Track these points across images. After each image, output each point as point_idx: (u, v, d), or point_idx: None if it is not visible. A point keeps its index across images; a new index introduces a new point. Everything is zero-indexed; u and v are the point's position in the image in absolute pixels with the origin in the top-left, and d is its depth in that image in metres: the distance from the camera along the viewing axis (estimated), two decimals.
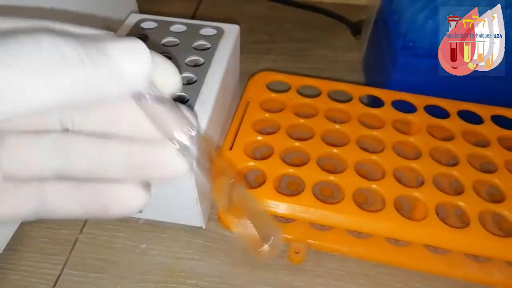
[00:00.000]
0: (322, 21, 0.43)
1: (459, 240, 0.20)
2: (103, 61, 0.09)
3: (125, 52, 0.10)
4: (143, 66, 0.10)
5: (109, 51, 0.10)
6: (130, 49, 0.10)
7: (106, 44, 0.10)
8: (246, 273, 0.23)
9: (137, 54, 0.10)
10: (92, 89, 0.10)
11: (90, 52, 0.09)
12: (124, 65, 0.10)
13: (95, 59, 0.09)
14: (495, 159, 0.24)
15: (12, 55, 0.08)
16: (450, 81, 0.27)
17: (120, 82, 0.10)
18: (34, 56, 0.09)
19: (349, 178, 0.22)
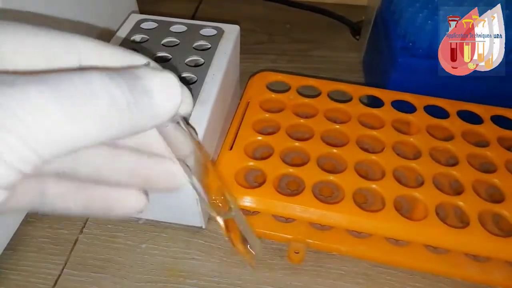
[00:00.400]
0: (322, 21, 0.44)
1: (459, 240, 0.20)
2: (146, 104, 0.10)
3: (163, 90, 0.11)
4: (175, 101, 0.11)
5: (149, 89, 0.10)
6: (167, 86, 0.11)
7: (146, 82, 0.10)
8: (246, 273, 0.23)
9: (172, 89, 0.11)
10: (132, 128, 0.10)
11: (135, 94, 0.10)
12: (163, 103, 0.10)
13: (140, 102, 0.10)
14: (495, 159, 0.24)
15: (66, 97, 0.08)
16: (450, 81, 0.27)
17: (157, 119, 0.11)
18: (87, 100, 0.09)
19: (349, 178, 0.22)
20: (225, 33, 0.27)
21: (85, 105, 0.09)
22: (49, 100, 0.08)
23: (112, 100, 0.09)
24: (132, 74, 0.10)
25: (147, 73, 0.10)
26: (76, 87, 0.09)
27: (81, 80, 0.09)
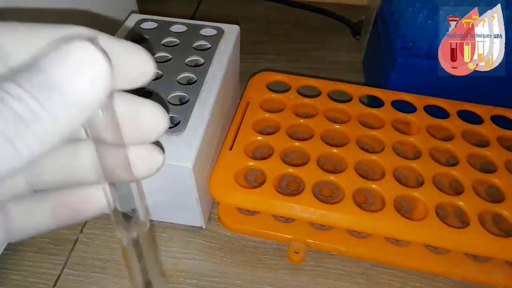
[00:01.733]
0: (322, 21, 0.44)
1: (459, 240, 0.20)
2: (57, 103, 0.08)
3: (75, 73, 0.08)
4: (97, 82, 0.09)
5: (56, 82, 0.08)
6: (80, 64, 0.09)
7: (52, 73, 0.08)
8: (246, 273, 0.23)
9: (88, 66, 0.09)
10: (58, 131, 0.08)
11: (40, 97, 0.08)
12: (79, 93, 0.09)
13: (48, 105, 0.08)
14: (495, 159, 0.24)
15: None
16: (450, 81, 0.27)
17: (78, 116, 0.09)
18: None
19: (349, 178, 0.22)
20: (225, 33, 0.27)
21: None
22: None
23: (14, 116, 0.08)
24: (33, 69, 0.08)
25: (53, 58, 0.09)
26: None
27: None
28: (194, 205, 0.22)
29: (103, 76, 0.09)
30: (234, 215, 0.25)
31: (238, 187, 0.22)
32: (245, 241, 0.25)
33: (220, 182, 0.22)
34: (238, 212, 0.25)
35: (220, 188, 0.22)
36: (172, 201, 0.22)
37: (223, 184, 0.22)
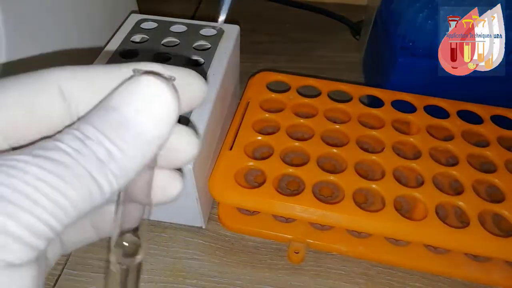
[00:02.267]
0: (322, 21, 0.43)
1: (459, 240, 0.20)
2: (129, 141, 0.09)
3: (145, 113, 0.09)
4: (169, 118, 0.09)
5: (127, 120, 0.09)
6: (149, 102, 0.09)
7: (123, 112, 0.09)
8: (246, 273, 0.23)
9: (159, 105, 0.09)
10: (132, 167, 0.09)
11: (113, 137, 0.09)
12: (148, 131, 0.09)
13: (121, 144, 0.09)
14: (495, 159, 0.24)
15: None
16: (450, 81, 0.27)
17: (147, 152, 0.09)
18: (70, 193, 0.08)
19: (349, 178, 0.22)
20: (225, 33, 0.27)
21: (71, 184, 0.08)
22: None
23: (89, 193, 0.08)
24: (106, 108, 0.09)
25: (120, 96, 0.09)
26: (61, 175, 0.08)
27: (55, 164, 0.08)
28: (194, 205, 0.22)
29: (172, 112, 0.09)
30: (234, 215, 0.25)
31: (238, 187, 0.22)
32: (245, 241, 0.25)
33: (220, 182, 0.22)
34: (238, 212, 0.25)
35: (220, 188, 0.22)
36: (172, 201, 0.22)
37: (223, 184, 0.22)
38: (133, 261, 0.11)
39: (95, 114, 0.09)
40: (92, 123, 0.09)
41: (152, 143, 0.09)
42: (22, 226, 0.07)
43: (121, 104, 0.09)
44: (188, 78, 0.11)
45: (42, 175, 0.08)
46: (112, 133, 0.09)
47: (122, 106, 0.09)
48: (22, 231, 0.07)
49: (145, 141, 0.09)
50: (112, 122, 0.09)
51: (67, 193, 0.08)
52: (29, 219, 0.07)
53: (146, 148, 0.09)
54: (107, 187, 0.08)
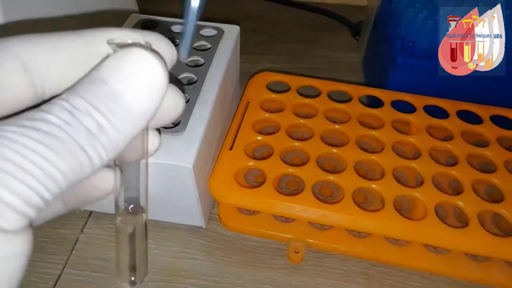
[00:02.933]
0: (322, 22, 0.44)
1: (458, 240, 0.20)
2: (119, 115, 0.09)
3: (136, 87, 0.09)
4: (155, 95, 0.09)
5: (118, 93, 0.09)
6: (139, 78, 0.09)
7: (112, 85, 0.09)
8: (246, 272, 0.23)
9: (149, 80, 0.09)
10: (122, 141, 0.09)
11: (103, 110, 0.08)
12: (139, 106, 0.09)
13: (111, 118, 0.09)
14: (494, 159, 0.24)
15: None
16: (450, 81, 0.27)
17: (137, 126, 0.09)
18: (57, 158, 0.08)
19: (348, 177, 0.22)
20: (225, 33, 0.27)
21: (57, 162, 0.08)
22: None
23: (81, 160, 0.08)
24: (96, 81, 0.09)
25: (109, 69, 0.09)
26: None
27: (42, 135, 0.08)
28: (194, 205, 0.22)
29: (162, 85, 0.09)
30: (234, 215, 0.25)
31: (238, 187, 0.22)
32: (245, 241, 0.25)
33: (220, 182, 0.22)
34: (238, 212, 0.25)
35: (220, 188, 0.22)
36: (172, 201, 0.23)
37: (223, 184, 0.22)
38: (138, 220, 0.12)
39: (84, 85, 0.09)
40: (81, 95, 0.08)
41: (141, 117, 0.09)
42: (15, 195, 0.07)
43: (110, 77, 0.09)
44: (159, 43, 0.11)
45: (32, 145, 0.08)
46: (102, 106, 0.08)
47: (111, 79, 0.09)
48: (15, 200, 0.07)
49: (134, 115, 0.09)
50: (102, 94, 0.09)
51: (57, 164, 0.08)
52: (22, 188, 0.07)
53: (136, 122, 0.09)
54: (97, 159, 0.08)
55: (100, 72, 0.09)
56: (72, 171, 0.08)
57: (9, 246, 0.07)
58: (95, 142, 0.08)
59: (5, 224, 0.07)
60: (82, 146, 0.08)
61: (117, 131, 0.09)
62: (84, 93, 0.09)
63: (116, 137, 0.09)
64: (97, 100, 0.08)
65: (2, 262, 0.07)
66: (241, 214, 0.25)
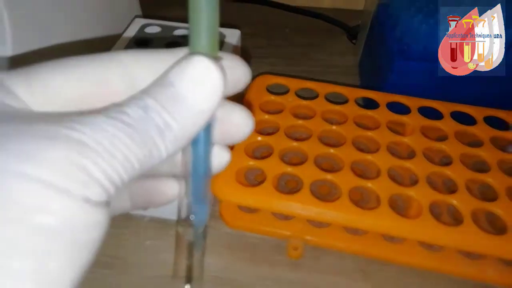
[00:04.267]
0: (320, 26, 0.44)
1: (452, 237, 0.20)
2: (183, 114, 0.10)
3: (196, 89, 0.10)
4: (213, 96, 0.10)
5: (182, 95, 0.10)
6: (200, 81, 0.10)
7: (177, 87, 0.10)
8: (246, 269, 0.24)
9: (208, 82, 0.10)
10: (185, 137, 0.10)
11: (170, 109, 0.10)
12: (199, 106, 0.10)
13: (177, 116, 0.10)
14: (488, 158, 0.24)
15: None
16: (447, 83, 0.27)
17: (197, 124, 0.10)
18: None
19: (345, 176, 0.23)
20: (226, 37, 0.28)
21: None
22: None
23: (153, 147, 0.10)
24: (164, 83, 0.10)
25: (176, 73, 0.10)
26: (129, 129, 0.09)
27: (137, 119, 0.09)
28: None
29: (219, 88, 0.11)
30: (235, 212, 0.25)
31: (239, 186, 0.22)
32: (246, 238, 0.25)
33: (222, 181, 0.23)
34: (239, 210, 0.25)
35: (222, 187, 0.23)
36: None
37: (225, 182, 0.23)
38: (198, 230, 0.13)
39: (154, 87, 0.10)
40: (152, 95, 0.10)
41: (201, 116, 0.10)
42: (100, 171, 0.09)
43: (176, 80, 0.10)
44: (232, 62, 0.12)
45: (117, 133, 0.09)
46: (169, 105, 0.10)
47: (176, 82, 0.10)
48: (100, 175, 0.09)
49: (195, 113, 0.10)
50: (169, 95, 0.10)
51: (135, 150, 0.09)
52: (105, 166, 0.09)
53: (196, 120, 0.10)
54: (164, 151, 0.10)
55: (167, 75, 0.10)
56: (144, 159, 0.09)
57: (93, 214, 0.09)
58: (163, 135, 0.10)
59: (90, 194, 0.08)
60: (153, 138, 0.10)
61: (180, 127, 0.10)
62: (154, 94, 0.10)
63: (179, 132, 0.10)
64: (164, 99, 0.10)
65: (86, 229, 0.09)
66: (242, 212, 0.25)
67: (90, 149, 0.08)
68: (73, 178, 0.08)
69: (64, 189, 0.08)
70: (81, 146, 0.08)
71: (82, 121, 0.09)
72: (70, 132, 0.09)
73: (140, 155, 0.09)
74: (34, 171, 0.08)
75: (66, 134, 0.08)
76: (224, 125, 0.12)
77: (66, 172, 0.08)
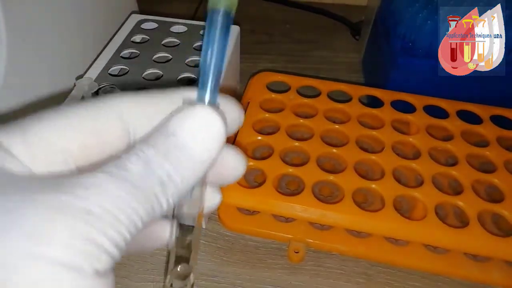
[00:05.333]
0: (322, 22, 0.44)
1: (458, 240, 0.20)
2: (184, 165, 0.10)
3: (198, 138, 0.10)
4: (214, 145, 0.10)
5: (183, 145, 0.10)
6: (202, 130, 0.10)
7: (178, 137, 0.10)
8: (246, 272, 0.23)
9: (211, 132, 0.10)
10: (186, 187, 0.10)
11: (172, 160, 0.10)
12: (200, 154, 0.10)
13: (179, 167, 0.10)
14: (494, 159, 0.24)
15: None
16: (450, 81, 0.27)
17: (198, 172, 0.10)
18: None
19: (348, 177, 0.22)
20: None
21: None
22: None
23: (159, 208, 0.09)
24: (166, 133, 0.10)
25: (177, 122, 0.10)
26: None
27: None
28: None
29: (221, 136, 0.10)
30: (234, 214, 0.25)
31: (238, 187, 0.22)
32: (245, 241, 0.25)
33: None
34: (238, 212, 0.25)
35: (220, 188, 0.22)
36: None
37: None
38: (186, 283, 0.12)
39: (155, 137, 0.10)
40: (153, 145, 0.10)
41: (202, 166, 0.10)
42: (107, 239, 0.08)
43: (178, 130, 0.10)
44: (227, 105, 0.12)
45: (120, 194, 0.09)
46: (171, 156, 0.10)
47: (178, 131, 0.10)
48: (108, 244, 0.08)
49: (196, 164, 0.10)
50: (170, 146, 0.10)
51: (138, 209, 0.09)
52: (112, 233, 0.08)
53: (197, 170, 0.10)
54: (165, 204, 0.10)
55: (169, 124, 0.10)
56: (147, 215, 0.09)
57: (102, 283, 0.08)
58: (165, 189, 0.10)
59: (99, 266, 0.08)
60: (156, 194, 0.09)
61: (182, 178, 0.10)
62: (156, 144, 0.10)
63: (180, 184, 0.10)
64: (166, 150, 0.10)
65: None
66: (241, 214, 0.25)
67: (96, 217, 0.08)
68: (83, 252, 0.08)
69: (75, 266, 0.08)
70: (86, 215, 0.08)
71: (84, 184, 0.09)
72: (74, 201, 0.08)
73: (143, 213, 0.09)
74: (45, 250, 0.08)
75: (71, 203, 0.08)
76: (217, 168, 0.12)
77: (75, 247, 0.08)
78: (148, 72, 0.24)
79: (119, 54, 0.25)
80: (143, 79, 0.23)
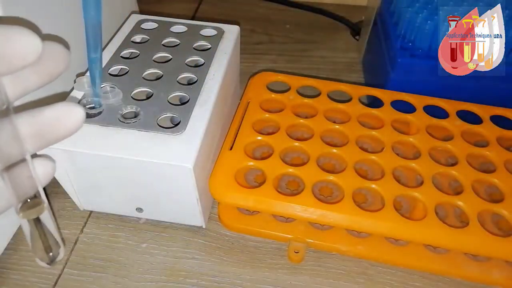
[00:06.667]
0: (322, 22, 0.44)
1: (458, 240, 0.20)
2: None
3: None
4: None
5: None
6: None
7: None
8: (246, 273, 0.23)
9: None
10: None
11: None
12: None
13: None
14: (494, 159, 0.24)
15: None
16: (450, 81, 0.27)
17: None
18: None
19: (348, 178, 0.22)
20: (225, 33, 0.27)
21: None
22: None
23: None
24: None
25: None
26: None
27: None
28: (194, 205, 0.22)
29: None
30: (234, 214, 0.25)
31: (238, 187, 0.22)
32: (245, 241, 0.25)
33: (220, 182, 0.22)
34: (238, 212, 0.25)
35: (220, 188, 0.22)
36: (172, 201, 0.23)
37: (223, 184, 0.22)
38: (39, 210, 0.13)
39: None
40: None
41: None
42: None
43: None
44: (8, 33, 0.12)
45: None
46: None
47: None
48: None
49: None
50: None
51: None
52: None
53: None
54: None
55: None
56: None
57: None
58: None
59: None
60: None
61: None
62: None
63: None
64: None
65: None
66: (241, 214, 0.25)
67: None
68: None
69: None
70: None
71: None
72: None
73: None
74: None
75: None
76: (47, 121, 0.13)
77: None
78: (148, 72, 0.24)
79: (119, 54, 0.25)
80: (143, 79, 0.23)
